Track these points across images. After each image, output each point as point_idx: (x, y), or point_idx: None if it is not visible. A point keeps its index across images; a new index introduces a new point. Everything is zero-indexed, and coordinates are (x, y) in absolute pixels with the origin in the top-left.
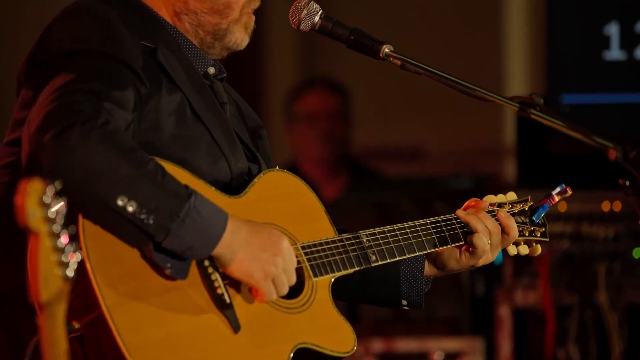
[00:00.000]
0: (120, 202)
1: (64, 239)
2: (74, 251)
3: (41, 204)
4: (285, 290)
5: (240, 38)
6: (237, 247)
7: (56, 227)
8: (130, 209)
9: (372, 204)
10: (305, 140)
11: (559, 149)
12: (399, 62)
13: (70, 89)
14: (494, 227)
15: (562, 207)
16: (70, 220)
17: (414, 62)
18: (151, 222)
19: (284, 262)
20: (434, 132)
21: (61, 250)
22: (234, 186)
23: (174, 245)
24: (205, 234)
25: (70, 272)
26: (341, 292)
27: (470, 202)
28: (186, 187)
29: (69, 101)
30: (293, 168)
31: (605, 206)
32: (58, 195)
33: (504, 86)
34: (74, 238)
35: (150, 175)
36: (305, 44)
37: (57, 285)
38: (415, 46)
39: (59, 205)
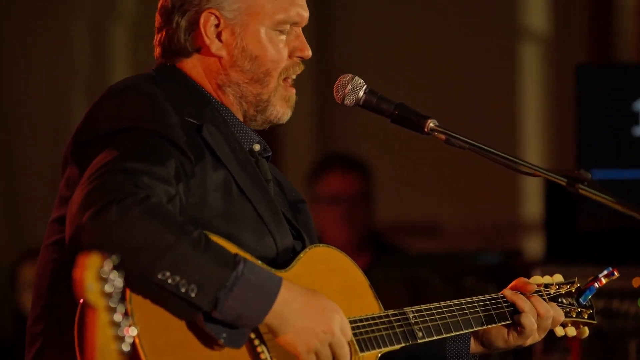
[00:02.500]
0: (160, 277)
1: (119, 313)
2: (129, 325)
3: (99, 278)
4: None
5: (281, 112)
6: (287, 317)
7: (113, 302)
8: (172, 282)
9: (400, 279)
10: (327, 222)
11: (588, 224)
12: (443, 137)
13: (111, 168)
14: (542, 308)
15: (588, 281)
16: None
17: (458, 136)
18: (194, 294)
19: (332, 338)
20: (453, 206)
21: (117, 325)
22: (280, 262)
23: (224, 316)
24: (256, 302)
25: (126, 347)
26: None
27: (518, 282)
28: (235, 255)
29: (107, 180)
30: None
31: (636, 282)
32: (115, 269)
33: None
34: (127, 312)
35: (193, 245)
36: (320, 117)
37: (114, 359)
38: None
39: (117, 280)
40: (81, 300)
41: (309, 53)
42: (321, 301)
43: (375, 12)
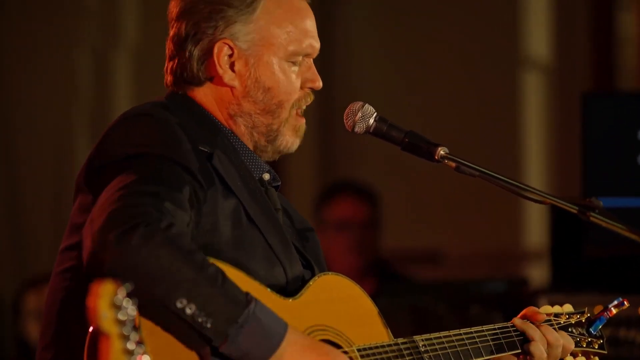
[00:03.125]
0: (179, 304)
1: (133, 341)
2: (142, 353)
3: (113, 306)
4: None
5: (290, 142)
6: (290, 359)
7: (126, 330)
8: (189, 311)
9: (406, 307)
10: (335, 248)
11: (593, 252)
12: (453, 165)
13: (133, 190)
14: (552, 338)
15: (599, 311)
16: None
17: (469, 164)
18: (209, 325)
19: None
20: (457, 234)
21: (130, 353)
22: (290, 291)
23: (230, 351)
24: (262, 342)
25: None
26: None
27: (528, 311)
28: (246, 294)
29: (132, 202)
30: None
31: None
32: (128, 297)
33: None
34: (140, 340)
35: (211, 279)
36: (323, 145)
37: None
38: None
39: (131, 308)
40: (92, 328)
41: (320, 84)
42: (324, 346)
43: (378, 41)
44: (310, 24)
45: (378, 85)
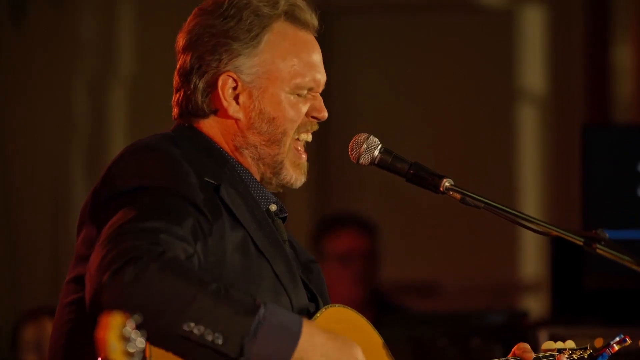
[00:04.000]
0: (186, 328)
1: None
2: None
3: (122, 338)
4: None
5: (294, 177)
6: (312, 354)
7: None
8: (197, 332)
9: (405, 339)
10: (337, 280)
11: (594, 284)
12: (458, 196)
13: (129, 228)
14: None
15: (599, 344)
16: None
17: (474, 195)
18: (221, 342)
19: None
20: (456, 266)
21: None
22: None
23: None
24: (280, 344)
25: None
26: None
27: (517, 349)
28: (254, 298)
29: (124, 240)
30: None
31: None
32: (137, 329)
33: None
34: None
35: (213, 294)
36: (319, 177)
37: None
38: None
39: (139, 340)
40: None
41: (325, 114)
42: (340, 337)
43: (374, 73)
44: (316, 57)
45: (374, 117)
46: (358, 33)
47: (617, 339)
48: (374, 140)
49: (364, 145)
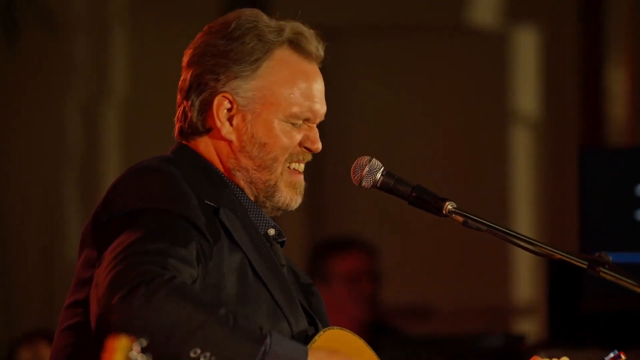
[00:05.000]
0: (193, 354)
1: None
2: None
3: None
4: None
5: (289, 198)
6: None
7: None
8: (203, 358)
9: None
10: (345, 301)
11: (591, 307)
12: (461, 219)
13: (136, 249)
14: None
15: None
16: None
17: (477, 218)
18: None
19: None
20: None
21: None
22: None
23: None
24: None
25: None
26: None
27: None
28: (261, 328)
29: (135, 262)
30: None
31: None
32: (143, 352)
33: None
34: None
35: (222, 321)
36: (312, 200)
37: None
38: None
39: None
40: None
41: (318, 147)
42: (344, 356)
43: (369, 96)
44: (316, 88)
45: (368, 140)
46: (350, 55)
47: (612, 355)
48: (376, 163)
49: (367, 168)
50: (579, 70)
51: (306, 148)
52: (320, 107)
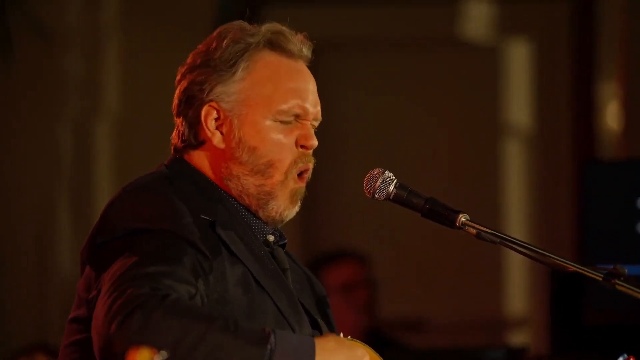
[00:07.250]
0: None
1: None
2: None
3: None
4: None
5: (283, 207)
6: None
7: None
8: None
9: None
10: (342, 311)
11: (594, 319)
12: (474, 232)
13: (131, 275)
14: None
15: None
16: None
17: (490, 231)
18: None
19: None
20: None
21: None
22: None
23: None
24: None
25: None
26: None
27: None
28: (264, 329)
29: (129, 287)
30: None
31: None
32: None
33: None
34: None
35: (223, 330)
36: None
37: None
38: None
39: None
40: None
41: (313, 142)
42: (354, 348)
43: (360, 107)
44: (302, 84)
45: (362, 151)
46: (343, 68)
47: (621, 358)
48: (389, 175)
49: (380, 181)
50: (571, 83)
51: (301, 146)
52: (311, 104)
